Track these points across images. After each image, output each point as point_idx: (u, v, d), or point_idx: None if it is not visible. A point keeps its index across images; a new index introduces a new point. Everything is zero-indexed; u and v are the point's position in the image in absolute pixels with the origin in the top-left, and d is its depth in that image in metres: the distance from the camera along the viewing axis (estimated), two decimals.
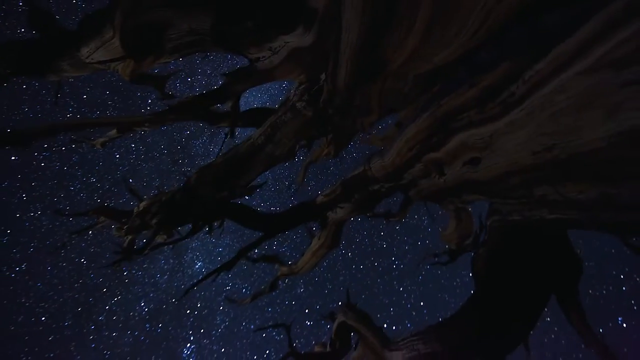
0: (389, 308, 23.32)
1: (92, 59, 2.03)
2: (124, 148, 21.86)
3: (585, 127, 1.28)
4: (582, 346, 2.14)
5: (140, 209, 4.26)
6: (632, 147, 1.17)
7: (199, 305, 23.02)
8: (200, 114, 4.16)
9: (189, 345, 23.21)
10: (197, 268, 23.17)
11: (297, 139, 3.97)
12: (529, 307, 2.17)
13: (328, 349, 4.44)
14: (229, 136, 3.41)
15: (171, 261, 22.98)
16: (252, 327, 23.13)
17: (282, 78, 2.74)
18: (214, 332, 23.50)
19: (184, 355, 23.22)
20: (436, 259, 4.39)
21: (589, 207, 1.51)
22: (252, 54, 2.33)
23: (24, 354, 20.55)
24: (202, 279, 4.13)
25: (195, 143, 23.31)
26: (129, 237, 4.89)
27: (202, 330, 23.37)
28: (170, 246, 4.38)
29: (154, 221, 4.17)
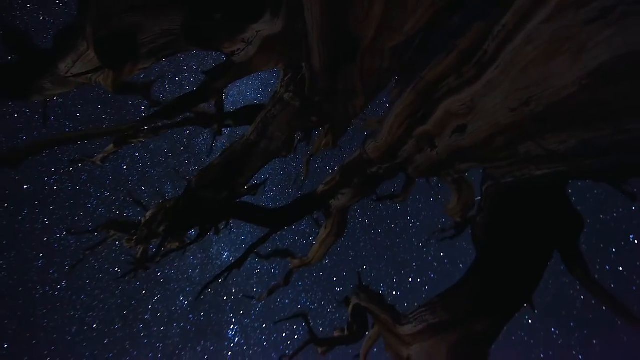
0: (412, 263, 24.78)
1: (71, 73, 2.07)
2: (130, 158, 22.74)
3: (556, 74, 1.27)
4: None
5: (147, 218, 4.35)
6: (601, 87, 1.15)
7: (233, 290, 25.07)
8: (191, 119, 4.21)
9: (232, 326, 25.62)
10: (225, 258, 24.86)
11: (291, 131, 3.98)
12: (531, 267, 2.17)
13: (346, 332, 4.53)
14: (216, 134, 3.44)
15: (199, 256, 24.60)
16: (286, 301, 25.18)
17: (260, 69, 2.75)
18: (252, 311, 25.54)
19: (230, 335, 25.60)
20: (435, 235, 4.40)
21: (571, 157, 1.50)
22: (227, 48, 2.34)
23: (85, 357, 23.35)
24: (215, 278, 4.23)
25: (197, 141, 24.07)
26: (141, 247, 5.02)
27: (241, 312, 25.48)
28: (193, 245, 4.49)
29: (161, 229, 4.25)
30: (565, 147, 1.49)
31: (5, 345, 21.42)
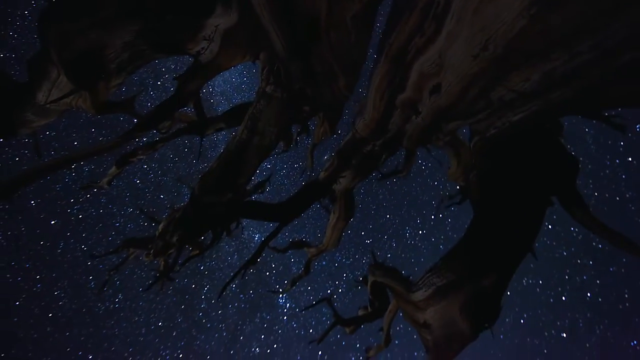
0: (431, 202, 26.75)
1: (49, 101, 2.16)
2: (140, 172, 23.78)
3: (505, 8, 1.23)
4: None
5: (160, 230, 4.51)
6: (549, 13, 1.12)
7: (273, 265, 27.80)
8: (184, 129, 4.29)
9: (281, 295, 28.16)
10: (257, 240, 27.05)
11: (281, 123, 4.00)
12: (529, 216, 2.14)
13: (369, 309, 4.60)
14: (201, 137, 3.50)
15: (233, 243, 26.98)
16: (324, 263, 27.94)
17: (230, 64, 2.76)
18: None
19: (281, 303, 29.27)
20: (442, 203, 4.35)
21: (539, 93, 1.46)
22: (191, 48, 2.37)
23: (162, 350, 27.56)
24: (234, 276, 4.36)
25: (199, 140, 25.01)
26: (161, 259, 5.23)
27: (286, 281, 28.73)
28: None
29: (174, 239, 4.39)
30: (530, 84, 1.45)
31: (90, 357, 25.28)
